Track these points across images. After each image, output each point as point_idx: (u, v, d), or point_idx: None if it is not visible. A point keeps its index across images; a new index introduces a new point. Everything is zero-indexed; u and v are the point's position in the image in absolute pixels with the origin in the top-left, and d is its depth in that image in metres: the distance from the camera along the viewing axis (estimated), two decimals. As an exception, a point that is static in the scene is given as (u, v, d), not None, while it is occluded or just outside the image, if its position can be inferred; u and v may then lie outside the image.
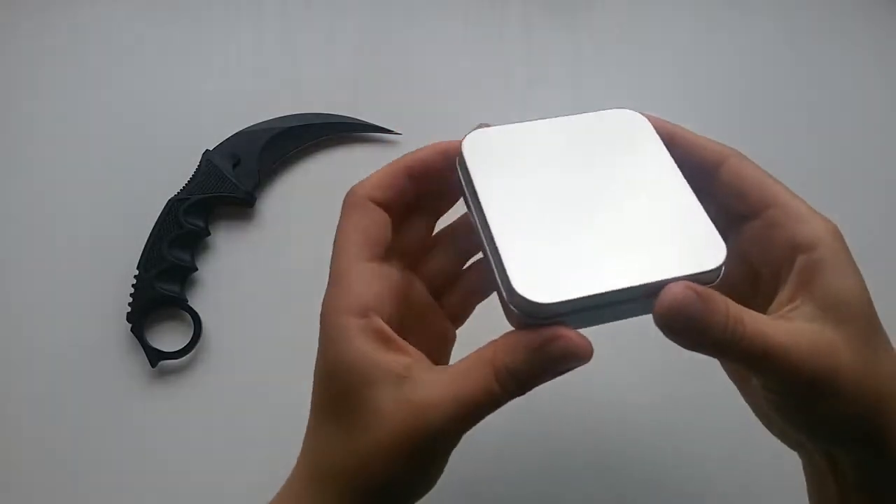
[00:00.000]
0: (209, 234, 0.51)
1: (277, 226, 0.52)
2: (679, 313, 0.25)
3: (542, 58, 0.56)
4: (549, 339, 0.25)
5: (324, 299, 0.28)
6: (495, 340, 0.27)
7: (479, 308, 0.35)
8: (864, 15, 0.58)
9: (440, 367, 0.27)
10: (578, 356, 0.25)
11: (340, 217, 0.30)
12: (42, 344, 0.49)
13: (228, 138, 0.53)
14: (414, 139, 0.54)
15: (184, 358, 0.48)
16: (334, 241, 0.29)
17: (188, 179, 0.51)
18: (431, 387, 0.26)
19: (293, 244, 0.51)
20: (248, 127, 0.53)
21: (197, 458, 0.47)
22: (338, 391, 0.27)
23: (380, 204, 0.30)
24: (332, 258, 0.29)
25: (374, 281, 0.28)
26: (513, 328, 0.27)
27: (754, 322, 0.25)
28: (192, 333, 0.48)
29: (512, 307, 0.26)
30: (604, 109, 0.31)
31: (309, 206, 0.52)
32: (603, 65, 0.56)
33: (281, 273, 0.51)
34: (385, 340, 0.27)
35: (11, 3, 0.57)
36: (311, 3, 0.58)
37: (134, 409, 0.48)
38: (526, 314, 0.25)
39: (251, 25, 0.57)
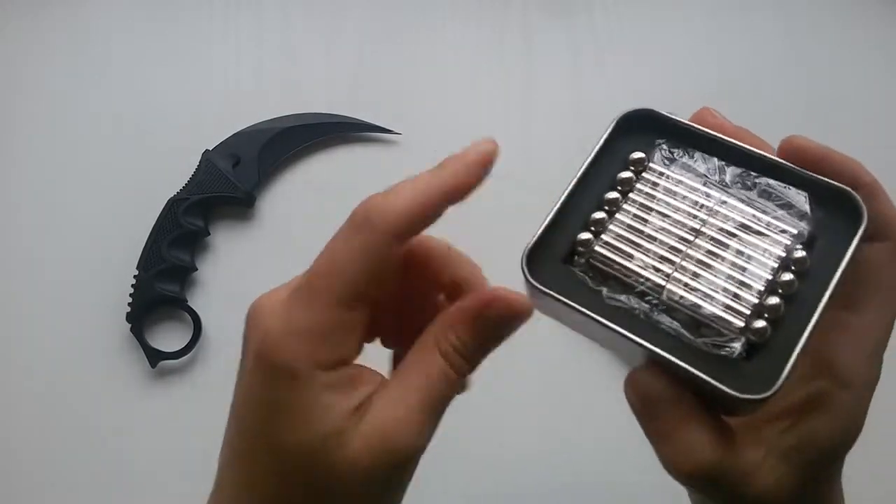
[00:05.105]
0: (209, 234, 0.51)
1: (277, 226, 0.52)
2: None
3: (542, 58, 0.56)
4: (487, 304, 0.24)
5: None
6: (430, 326, 0.25)
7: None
8: (865, 13, 0.58)
9: (388, 379, 0.24)
10: (517, 314, 0.24)
11: (346, 229, 0.25)
12: (42, 344, 0.49)
13: (228, 138, 0.53)
14: (414, 139, 0.54)
15: (184, 358, 0.48)
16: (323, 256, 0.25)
17: (188, 179, 0.51)
18: (388, 406, 0.23)
19: (293, 244, 0.51)
20: (248, 127, 0.53)
21: (196, 457, 0.47)
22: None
23: (399, 238, 0.24)
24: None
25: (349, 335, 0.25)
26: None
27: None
28: (191, 333, 0.48)
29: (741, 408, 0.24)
30: (610, 120, 0.28)
31: (309, 206, 0.52)
32: (602, 65, 0.56)
33: (281, 273, 0.50)
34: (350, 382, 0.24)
35: (10, 3, 0.57)
36: (312, 3, 0.58)
37: (134, 409, 0.48)
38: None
39: (251, 25, 0.57)
